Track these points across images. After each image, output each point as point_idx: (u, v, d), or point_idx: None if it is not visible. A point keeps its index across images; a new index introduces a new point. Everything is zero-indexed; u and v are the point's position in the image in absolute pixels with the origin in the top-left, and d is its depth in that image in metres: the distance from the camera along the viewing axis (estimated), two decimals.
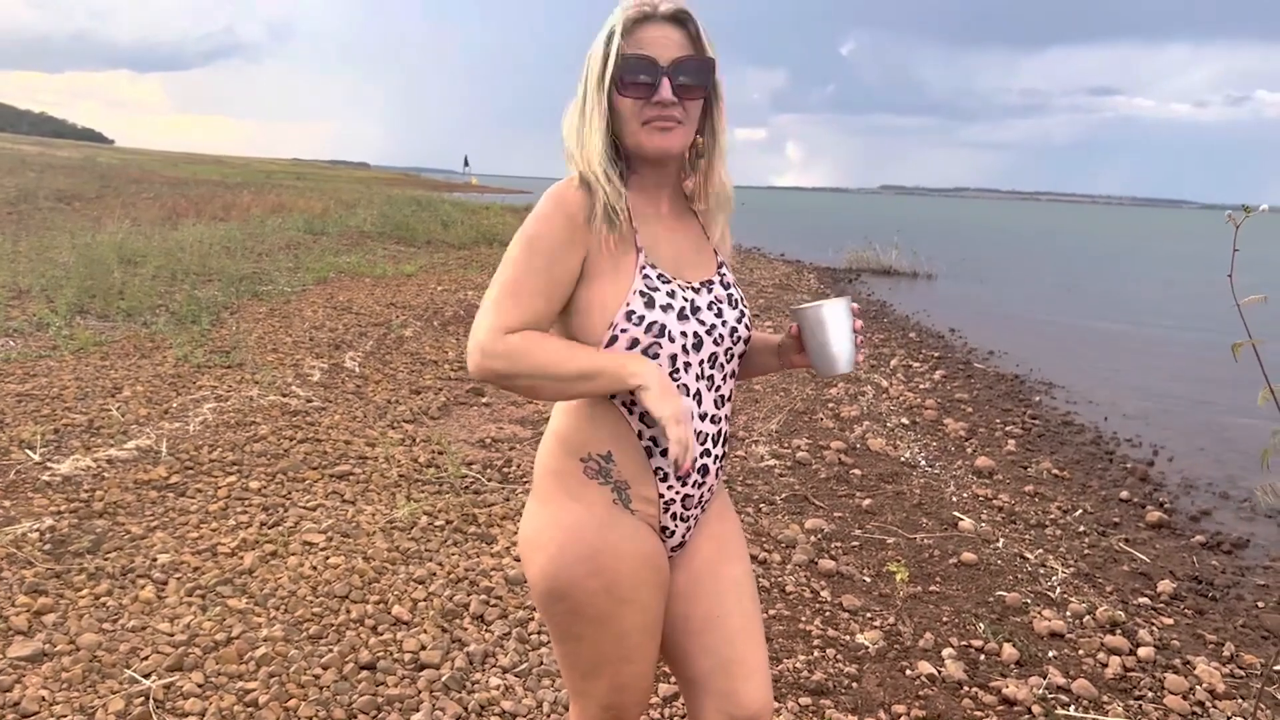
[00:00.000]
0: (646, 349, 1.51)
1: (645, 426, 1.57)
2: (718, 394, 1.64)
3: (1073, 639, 3.64)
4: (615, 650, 1.63)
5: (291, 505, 4.21)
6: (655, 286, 1.54)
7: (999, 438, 6.92)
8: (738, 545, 1.78)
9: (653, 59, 1.50)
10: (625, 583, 1.58)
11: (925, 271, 20.90)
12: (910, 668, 3.31)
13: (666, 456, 1.58)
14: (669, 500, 1.62)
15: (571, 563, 1.57)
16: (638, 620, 1.62)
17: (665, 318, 1.52)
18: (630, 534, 1.59)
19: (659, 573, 1.64)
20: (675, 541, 1.68)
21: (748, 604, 1.73)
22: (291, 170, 61.35)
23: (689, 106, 1.55)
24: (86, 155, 44.04)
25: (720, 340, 1.60)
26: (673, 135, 1.54)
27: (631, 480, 1.59)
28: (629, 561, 1.58)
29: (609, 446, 1.58)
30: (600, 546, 1.57)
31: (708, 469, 1.65)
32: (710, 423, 1.63)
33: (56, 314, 7.34)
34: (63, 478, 4.27)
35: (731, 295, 1.66)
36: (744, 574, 1.76)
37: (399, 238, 16.54)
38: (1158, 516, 5.35)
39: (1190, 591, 4.33)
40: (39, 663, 2.85)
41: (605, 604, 1.58)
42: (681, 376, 1.56)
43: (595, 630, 1.61)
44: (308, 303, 9.29)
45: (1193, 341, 13.42)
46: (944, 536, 4.60)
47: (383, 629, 3.23)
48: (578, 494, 1.59)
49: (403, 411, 5.86)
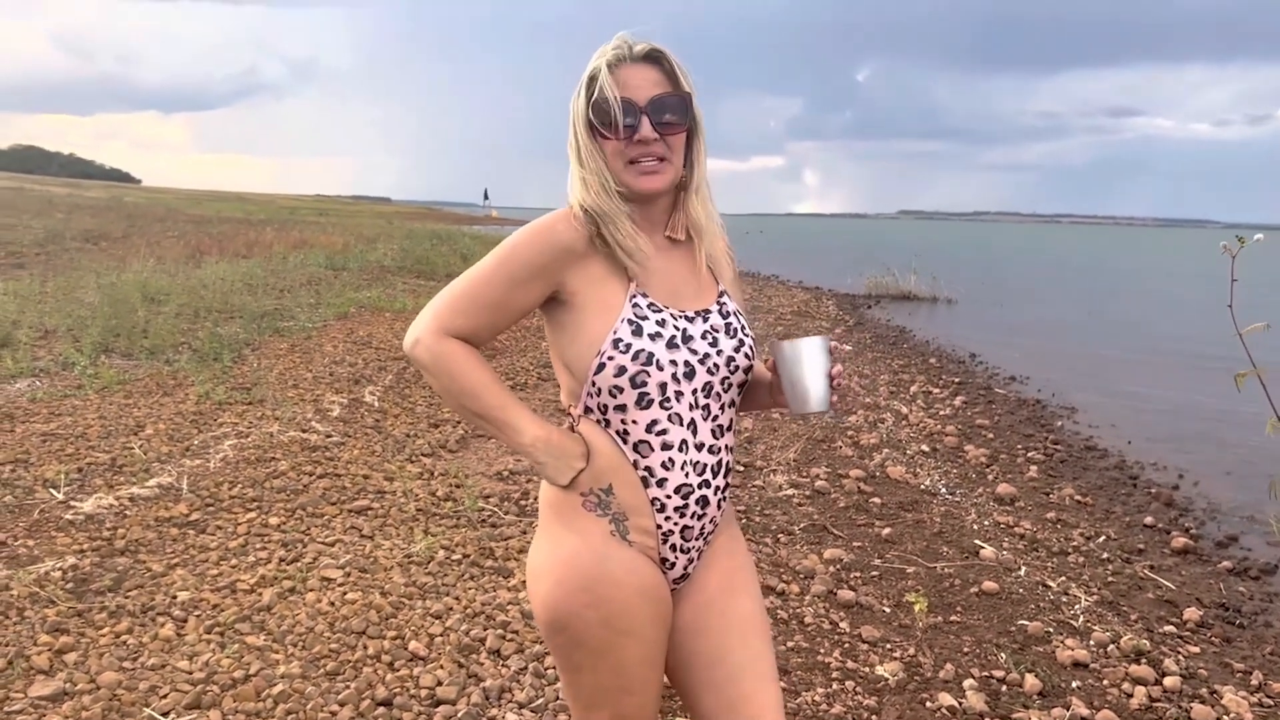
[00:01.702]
0: (634, 376, 1.54)
1: (640, 457, 1.59)
2: (715, 424, 1.63)
3: (1096, 669, 3.59)
4: (616, 681, 1.63)
5: (310, 541, 4.23)
6: (644, 315, 1.56)
7: (1020, 464, 6.87)
8: (746, 579, 1.76)
9: (631, 100, 1.54)
10: (623, 614, 1.59)
11: (945, 296, 20.83)
12: (930, 699, 3.27)
13: (663, 487, 1.59)
14: (667, 531, 1.62)
15: (570, 593, 1.59)
16: (637, 652, 1.62)
17: (653, 346, 1.55)
18: (629, 565, 1.60)
19: (658, 605, 1.64)
20: (677, 574, 1.68)
21: (754, 640, 1.70)
22: (314, 206, 62.07)
23: (672, 142, 1.58)
24: (114, 195, 44.76)
25: (715, 369, 1.61)
26: (660, 176, 1.59)
27: (630, 512, 1.61)
28: (627, 593, 1.59)
29: (609, 479, 1.60)
30: (598, 577, 1.58)
31: (707, 500, 1.64)
32: (709, 453, 1.63)
33: (81, 353, 7.43)
34: (85, 516, 4.31)
35: (730, 324, 1.66)
36: (753, 610, 1.73)
37: (419, 271, 16.67)
38: (1183, 542, 5.28)
39: (1217, 619, 4.27)
40: (60, 702, 2.87)
41: (604, 635, 1.59)
42: (673, 405, 1.57)
43: (595, 661, 1.61)
44: (328, 338, 9.36)
45: (1217, 364, 13.27)
46: (965, 565, 4.56)
47: (399, 665, 3.23)
48: (576, 526, 1.61)
49: (421, 445, 5.88)
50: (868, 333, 14.33)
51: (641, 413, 1.57)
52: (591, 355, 1.56)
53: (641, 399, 1.57)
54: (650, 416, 1.58)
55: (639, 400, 1.57)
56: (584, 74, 1.58)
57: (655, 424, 1.58)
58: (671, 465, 1.59)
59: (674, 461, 1.59)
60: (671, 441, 1.59)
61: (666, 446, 1.59)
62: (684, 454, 1.60)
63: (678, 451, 1.59)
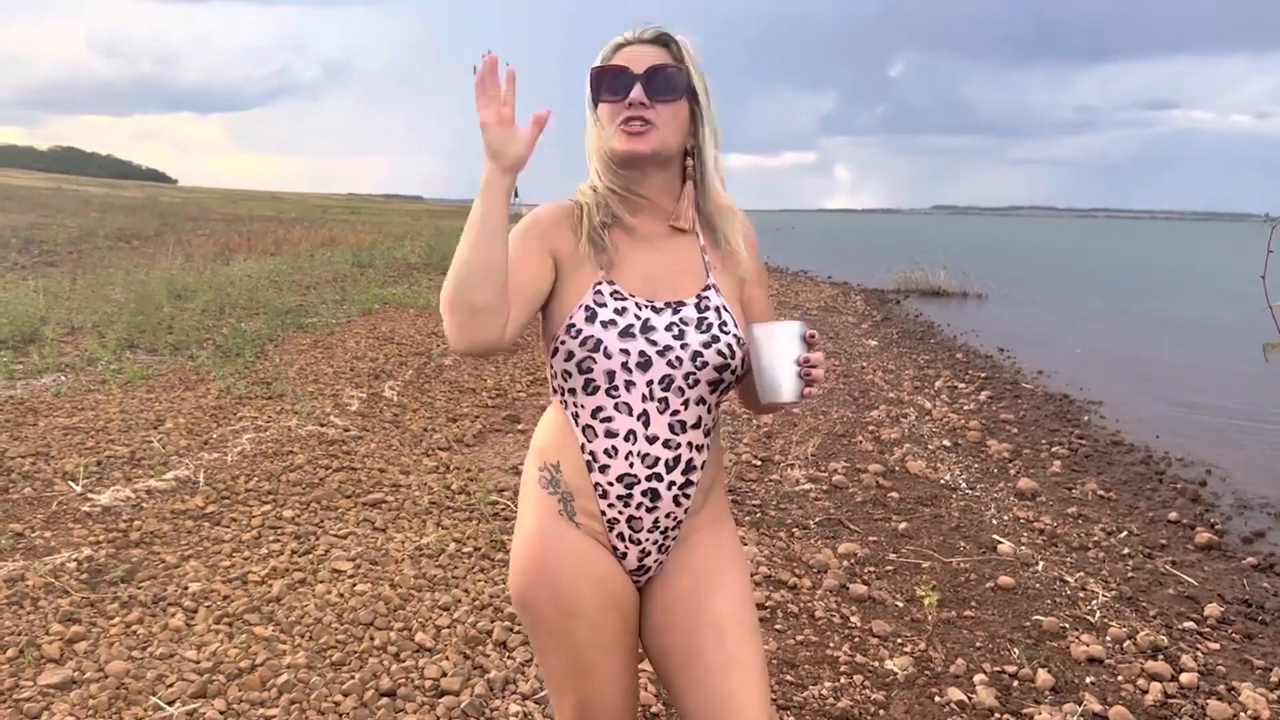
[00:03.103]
0: (580, 362, 1.55)
1: (586, 440, 1.59)
2: (674, 418, 1.59)
3: (1111, 665, 3.53)
4: (572, 664, 1.63)
5: (323, 533, 4.25)
6: (603, 302, 1.56)
7: (1044, 459, 6.77)
8: (726, 580, 1.69)
9: (626, 67, 1.57)
10: (569, 595, 1.60)
11: (975, 292, 20.62)
12: (940, 694, 3.23)
13: (605, 474, 1.59)
14: (612, 519, 1.61)
15: (524, 572, 1.63)
16: (588, 635, 1.61)
17: (604, 334, 1.54)
18: (574, 546, 1.61)
19: (605, 591, 1.62)
20: (631, 564, 1.65)
21: (730, 641, 1.63)
22: (346, 205, 62.61)
23: (662, 110, 1.57)
24: (149, 195, 45.39)
25: (678, 363, 1.57)
26: (643, 138, 1.57)
27: (575, 492, 1.61)
28: (571, 575, 1.60)
29: (559, 456, 1.62)
30: (544, 557, 1.61)
31: (658, 494, 1.60)
32: (663, 447, 1.59)
33: (106, 349, 7.53)
34: (102, 508, 4.36)
35: (705, 319, 1.60)
36: (730, 610, 1.66)
37: (445, 268, 16.65)
38: (1208, 538, 5.18)
39: (1239, 615, 4.18)
40: (67, 690, 2.90)
41: (554, 615, 1.61)
42: (621, 394, 1.56)
43: (552, 643, 1.63)
44: (351, 334, 9.42)
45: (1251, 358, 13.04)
46: (981, 560, 4.51)
47: (405, 656, 3.24)
48: (530, 503, 1.65)
49: (438, 439, 5.90)
50: (895, 327, 14.22)
51: (588, 398, 1.58)
52: (551, 337, 1.59)
53: (588, 385, 1.57)
54: (596, 403, 1.58)
55: (585, 386, 1.57)
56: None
57: (600, 410, 1.58)
58: (615, 453, 1.58)
59: (617, 450, 1.58)
60: (616, 430, 1.57)
61: (611, 434, 1.58)
62: (630, 444, 1.58)
63: (623, 440, 1.58)
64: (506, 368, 8.36)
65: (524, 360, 8.78)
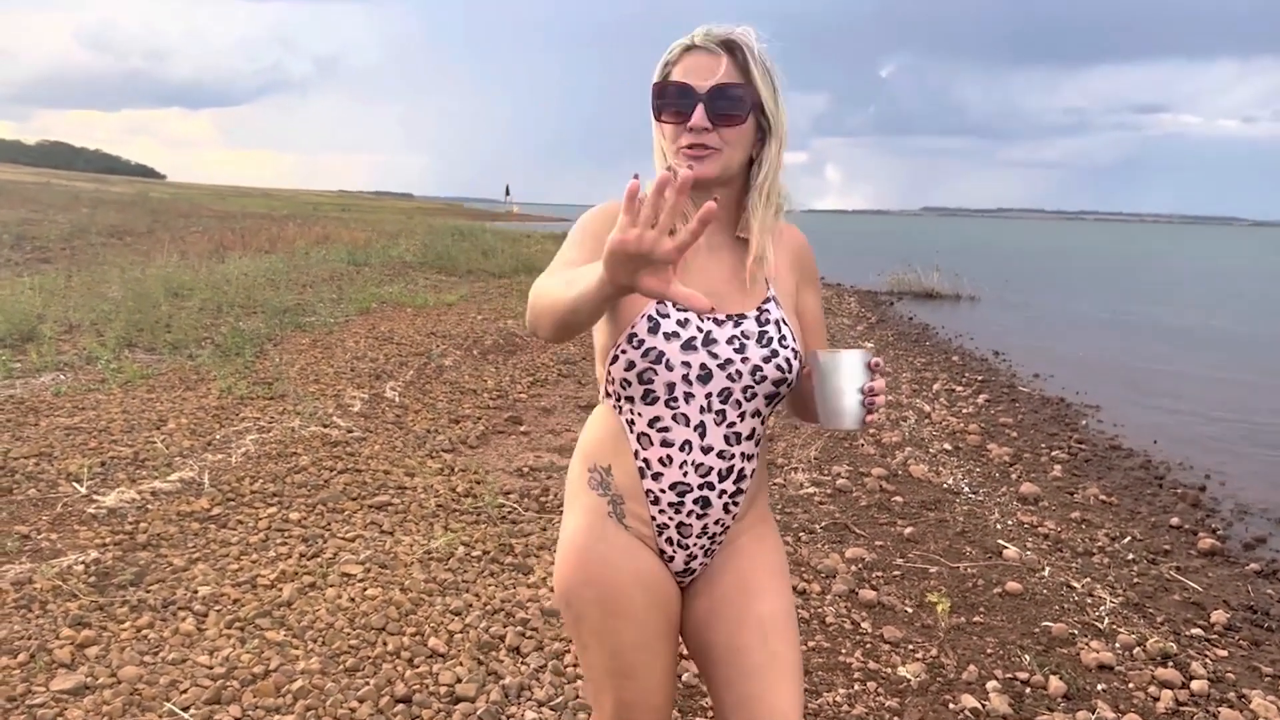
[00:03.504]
0: (641, 373, 1.54)
1: (641, 448, 1.60)
2: (731, 430, 1.59)
3: (1122, 671, 3.54)
4: (614, 664, 1.63)
5: (330, 536, 4.23)
6: (666, 313, 1.54)
7: (1044, 463, 6.80)
8: (770, 582, 1.71)
9: (689, 85, 1.52)
10: (615, 595, 1.61)
11: (968, 294, 20.68)
12: (953, 701, 3.24)
13: (658, 481, 1.60)
14: (662, 524, 1.62)
15: (570, 571, 1.63)
16: (633, 635, 1.62)
17: (666, 345, 1.53)
18: (622, 547, 1.62)
19: (652, 592, 1.63)
20: (678, 567, 1.67)
21: (774, 642, 1.66)
22: (337, 202, 62.44)
23: (726, 134, 1.54)
24: (139, 191, 45.12)
25: (737, 376, 1.56)
26: (706, 163, 1.54)
27: (626, 496, 1.62)
28: (619, 575, 1.61)
29: (610, 460, 1.63)
30: (591, 556, 1.62)
31: (709, 501, 1.61)
32: (718, 458, 1.59)
33: (105, 347, 7.48)
34: (108, 510, 4.34)
35: (765, 333, 1.59)
36: (774, 612, 1.69)
37: (440, 267, 16.69)
38: (1210, 543, 5.21)
39: (1245, 622, 4.20)
40: (81, 696, 2.88)
41: (598, 615, 1.61)
42: (680, 405, 1.56)
43: (595, 641, 1.63)
44: (350, 333, 9.39)
45: (1244, 361, 13.12)
46: (988, 565, 4.52)
47: (419, 661, 3.23)
48: (579, 503, 1.66)
49: (441, 441, 5.88)
50: (890, 330, 14.25)
51: (646, 407, 1.58)
52: (611, 345, 1.57)
53: (647, 395, 1.57)
54: (654, 413, 1.58)
55: (644, 396, 1.57)
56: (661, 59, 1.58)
57: (658, 420, 1.58)
58: (669, 462, 1.59)
59: (672, 459, 1.58)
60: (673, 440, 1.58)
61: (667, 444, 1.58)
62: (685, 454, 1.58)
63: (678, 450, 1.58)
64: (506, 369, 8.35)
65: (523, 361, 8.77)
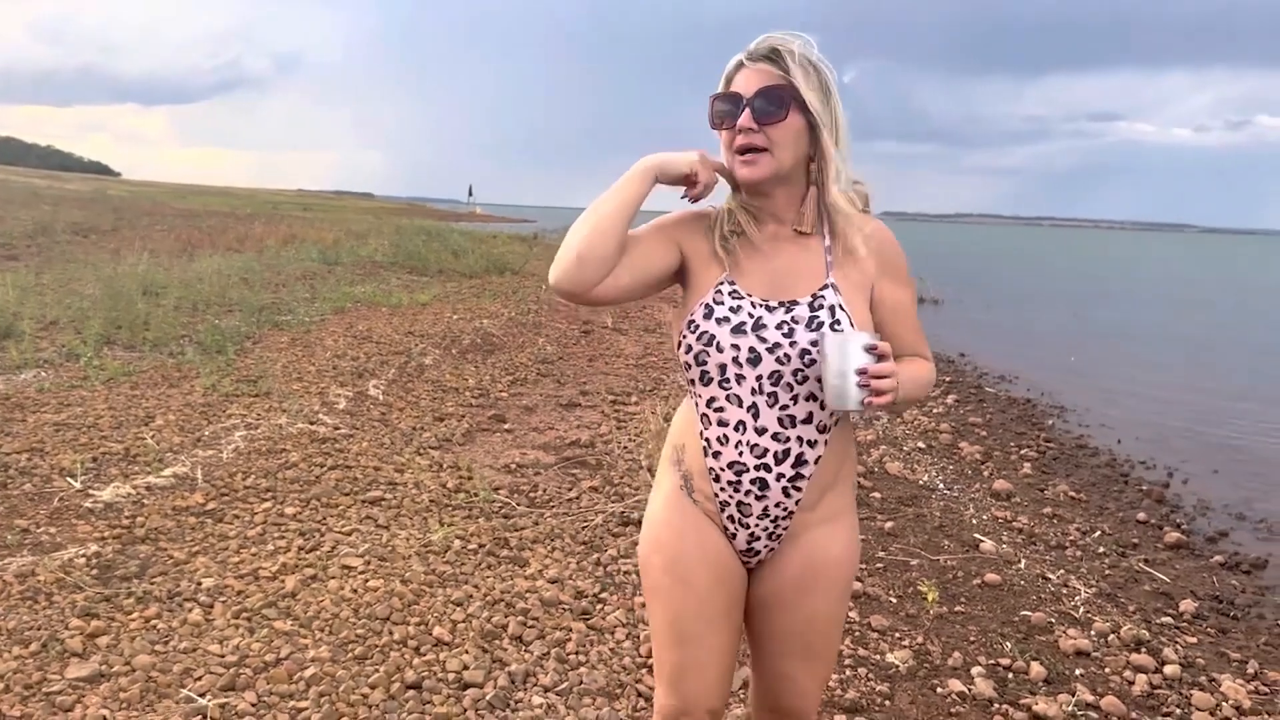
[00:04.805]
0: (697, 355, 1.68)
1: (703, 427, 1.72)
2: (784, 412, 1.68)
3: (1099, 657, 3.71)
4: (674, 629, 1.75)
5: (327, 530, 4.30)
6: (721, 300, 1.69)
7: (1014, 461, 7.00)
8: (831, 580, 1.78)
9: (737, 93, 1.66)
10: (679, 563, 1.74)
11: (931, 297, 20.96)
12: (941, 686, 3.38)
13: (718, 460, 1.72)
14: (724, 502, 1.74)
15: (647, 535, 1.81)
16: (692, 606, 1.74)
17: (718, 330, 1.67)
18: (692, 520, 1.76)
19: (716, 567, 1.75)
20: (740, 545, 1.76)
21: (814, 637, 1.79)
22: (297, 201, 61.85)
23: (773, 134, 1.64)
24: (96, 188, 44.46)
25: (786, 360, 1.65)
26: (757, 165, 1.67)
27: (694, 474, 1.75)
28: (685, 545, 1.74)
29: (684, 439, 1.77)
30: (663, 525, 1.77)
31: (766, 483, 1.70)
32: (772, 439, 1.68)
33: (85, 344, 7.45)
34: (105, 504, 4.36)
35: (816, 319, 1.66)
36: (826, 610, 1.78)
37: (411, 267, 16.66)
38: (1176, 537, 5.42)
39: (1212, 611, 4.40)
40: (97, 683, 2.94)
41: (662, 580, 1.75)
42: (733, 386, 1.68)
43: (659, 605, 1.77)
44: (328, 332, 9.40)
45: (1201, 363, 13.49)
46: (966, 558, 4.68)
47: (425, 649, 3.31)
48: (662, 477, 1.82)
49: (428, 438, 5.95)
50: None
51: (704, 389, 1.71)
52: (678, 332, 1.72)
53: (704, 376, 1.70)
54: (710, 393, 1.70)
55: (701, 377, 1.70)
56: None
57: (714, 400, 1.70)
58: (726, 441, 1.70)
59: (728, 438, 1.70)
60: (728, 420, 1.69)
61: (723, 424, 1.70)
62: (740, 434, 1.69)
63: (733, 430, 1.69)
64: (486, 368, 8.42)
65: (502, 361, 8.84)
